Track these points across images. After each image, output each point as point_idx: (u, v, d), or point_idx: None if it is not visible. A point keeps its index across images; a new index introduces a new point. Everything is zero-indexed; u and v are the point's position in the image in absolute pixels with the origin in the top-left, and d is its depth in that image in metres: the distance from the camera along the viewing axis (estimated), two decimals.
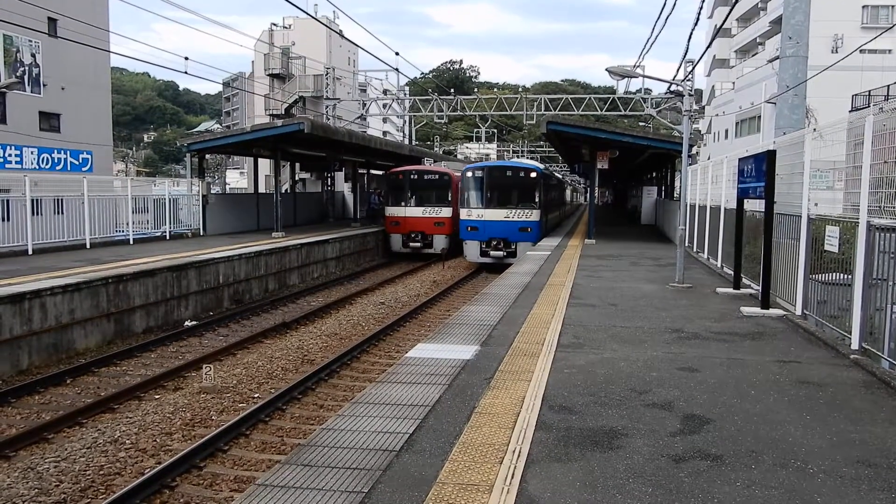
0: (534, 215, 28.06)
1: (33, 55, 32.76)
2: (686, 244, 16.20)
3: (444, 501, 4.40)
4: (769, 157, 11.01)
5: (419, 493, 4.53)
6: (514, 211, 28.03)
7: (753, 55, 59.38)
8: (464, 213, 28.42)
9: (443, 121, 44.50)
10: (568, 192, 62.89)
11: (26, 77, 32.45)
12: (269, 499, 4.42)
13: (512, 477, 4.77)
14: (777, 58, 14.84)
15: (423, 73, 59.13)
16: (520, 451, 5.22)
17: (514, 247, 27.83)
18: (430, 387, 6.86)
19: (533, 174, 28.44)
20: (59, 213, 20.93)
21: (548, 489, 4.61)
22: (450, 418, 5.96)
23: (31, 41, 32.02)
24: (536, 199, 28.14)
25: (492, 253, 28.03)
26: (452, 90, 43.25)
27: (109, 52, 34.92)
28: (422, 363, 7.76)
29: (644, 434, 5.67)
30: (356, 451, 5.22)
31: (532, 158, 48.88)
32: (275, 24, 72.05)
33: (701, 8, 17.83)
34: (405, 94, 48.45)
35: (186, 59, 29.33)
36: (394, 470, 4.89)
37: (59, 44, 31.09)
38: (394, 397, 6.52)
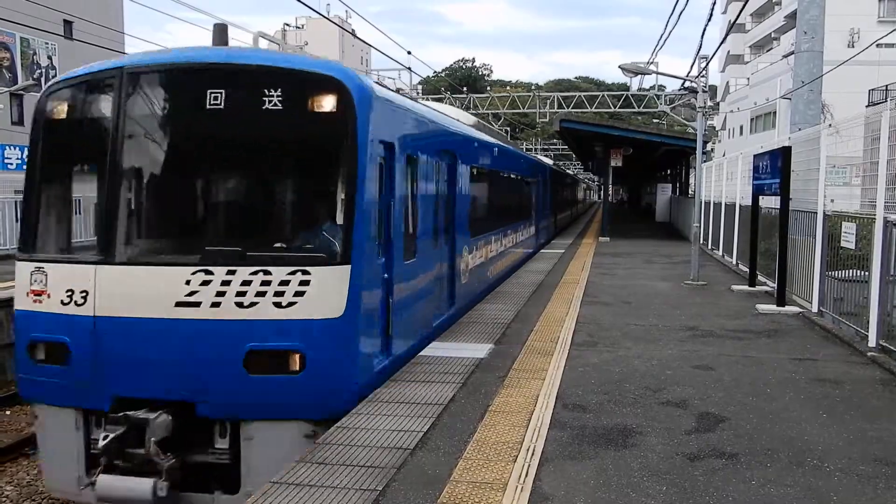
0: (330, 290, 6.17)
1: (49, 57, 33.12)
2: (700, 241, 16.11)
3: (457, 499, 4.41)
4: (784, 153, 10.93)
5: (433, 490, 4.54)
6: (234, 276, 6.09)
7: (768, 51, 58.85)
8: (22, 284, 6.53)
9: None
10: (578, 188, 50.94)
11: (43, 79, 32.78)
12: (284, 496, 4.45)
13: (526, 475, 4.77)
14: (792, 53, 14.69)
15: (435, 72, 59.05)
16: (534, 450, 5.22)
17: (224, 445, 6.19)
18: (444, 385, 6.86)
19: (326, 101, 6.35)
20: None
21: (562, 487, 4.61)
22: (464, 416, 5.97)
23: (47, 43, 32.36)
24: (342, 211, 6.34)
25: (112, 485, 5.81)
26: (465, 88, 43.22)
27: (124, 53, 35.19)
28: (436, 362, 7.77)
29: (658, 432, 5.65)
30: (371, 449, 5.24)
31: (546, 156, 47.58)
32: (287, 25, 72.36)
33: (714, 3, 17.71)
34: (418, 93, 48.46)
35: None
36: (408, 468, 4.90)
37: (75, 46, 31.34)
38: (408, 396, 6.53)
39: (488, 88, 72.39)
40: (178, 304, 6.05)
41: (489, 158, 13.70)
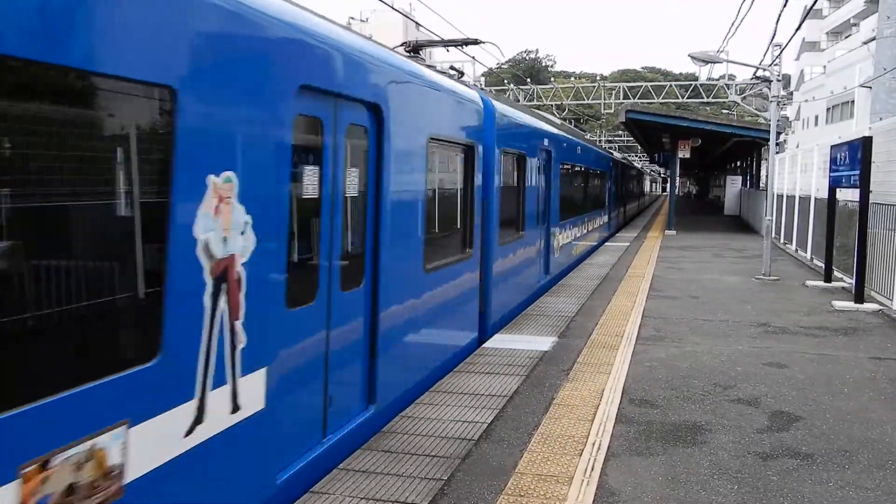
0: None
1: None
2: (773, 235, 15.61)
3: (522, 491, 4.39)
4: (865, 143, 10.49)
5: (498, 482, 4.53)
6: None
7: (846, 37, 56.47)
8: None
9: None
10: (646, 181, 53.33)
11: None
12: (350, 483, 4.51)
13: (592, 469, 4.72)
14: (873, 39, 14.07)
15: (499, 63, 58.82)
16: (600, 444, 5.16)
17: None
18: (507, 377, 6.85)
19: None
20: None
21: (629, 483, 4.54)
22: (528, 409, 5.94)
23: None
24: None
25: None
26: (528, 80, 42.93)
27: None
28: (499, 354, 7.76)
29: (729, 430, 5.51)
30: (435, 438, 5.27)
31: (611, 148, 47.01)
32: (352, 18, 73.14)
33: None
34: (482, 85, 48.36)
35: None
36: (472, 459, 4.91)
37: None
38: (472, 387, 6.54)
39: (552, 79, 71.65)
40: None
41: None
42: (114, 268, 3.19)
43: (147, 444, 3.13)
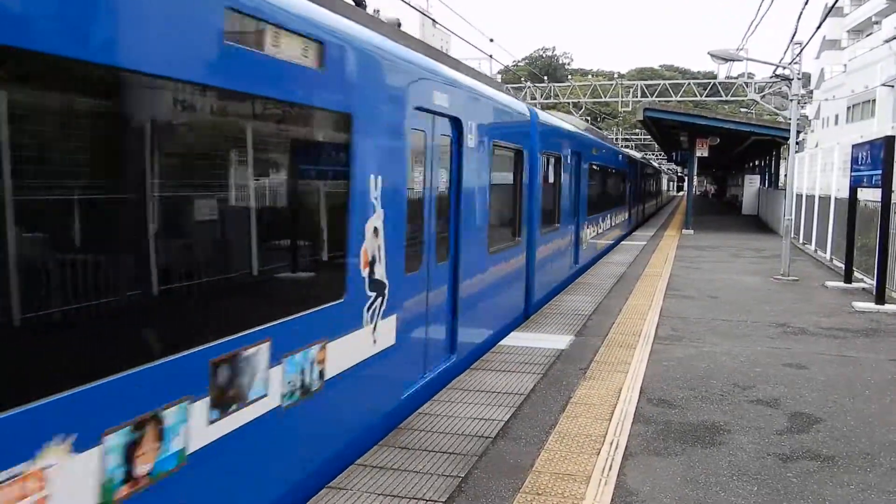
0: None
1: None
2: (792, 235, 15.48)
3: (540, 490, 4.38)
4: (887, 143, 10.37)
5: (515, 480, 4.52)
6: None
7: (868, 35, 55.82)
8: None
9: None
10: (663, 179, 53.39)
11: None
12: (368, 478, 4.52)
13: (609, 469, 4.70)
14: (895, 37, 13.87)
15: (515, 61, 58.66)
16: (617, 443, 5.13)
17: None
18: (524, 375, 6.83)
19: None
20: None
21: (647, 483, 4.52)
22: (545, 407, 5.93)
23: None
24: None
25: None
26: (545, 77, 42.75)
27: None
28: (516, 352, 7.74)
29: (748, 431, 5.47)
30: (452, 436, 5.27)
31: (626, 146, 46.91)
32: None
33: None
34: (499, 83, 48.23)
35: None
36: (489, 456, 4.90)
37: None
38: (488, 384, 6.53)
39: (569, 77, 71.45)
40: None
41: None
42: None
43: None
